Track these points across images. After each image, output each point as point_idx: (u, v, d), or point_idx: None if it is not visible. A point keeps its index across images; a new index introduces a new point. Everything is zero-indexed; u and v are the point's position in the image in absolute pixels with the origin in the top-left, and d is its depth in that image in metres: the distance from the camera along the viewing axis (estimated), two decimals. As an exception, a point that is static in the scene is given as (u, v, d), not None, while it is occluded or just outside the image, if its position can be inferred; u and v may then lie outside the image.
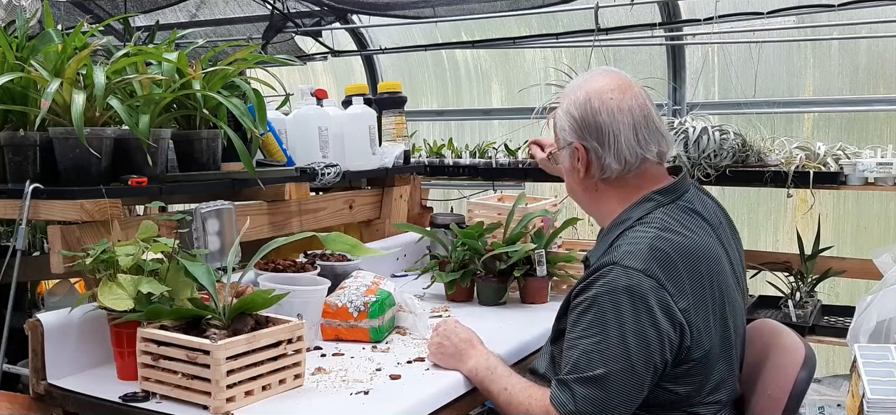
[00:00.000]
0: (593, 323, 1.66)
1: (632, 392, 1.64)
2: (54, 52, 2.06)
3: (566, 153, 1.85)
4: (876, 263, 2.75)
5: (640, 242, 1.69)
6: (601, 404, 1.63)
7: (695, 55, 4.09)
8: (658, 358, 1.64)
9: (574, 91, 1.84)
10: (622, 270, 1.65)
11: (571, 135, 1.82)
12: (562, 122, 1.84)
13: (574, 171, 1.85)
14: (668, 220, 1.75)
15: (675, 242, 1.69)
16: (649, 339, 1.62)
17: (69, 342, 1.83)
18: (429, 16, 4.31)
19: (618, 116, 1.78)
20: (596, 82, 1.82)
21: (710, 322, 1.70)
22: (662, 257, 1.66)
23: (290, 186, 2.53)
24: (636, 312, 1.62)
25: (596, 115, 1.79)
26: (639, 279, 1.63)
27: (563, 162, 1.88)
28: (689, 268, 1.68)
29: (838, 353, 3.67)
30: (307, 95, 2.81)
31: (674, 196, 1.81)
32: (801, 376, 1.80)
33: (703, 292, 1.69)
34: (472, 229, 2.61)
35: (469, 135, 4.85)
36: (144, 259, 1.81)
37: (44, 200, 1.99)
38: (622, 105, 1.78)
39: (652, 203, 1.79)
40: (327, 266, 2.30)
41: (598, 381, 1.63)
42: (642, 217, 1.76)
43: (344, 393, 1.73)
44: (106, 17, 4.03)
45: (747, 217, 4.09)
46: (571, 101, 1.83)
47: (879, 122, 3.83)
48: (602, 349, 1.63)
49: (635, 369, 1.63)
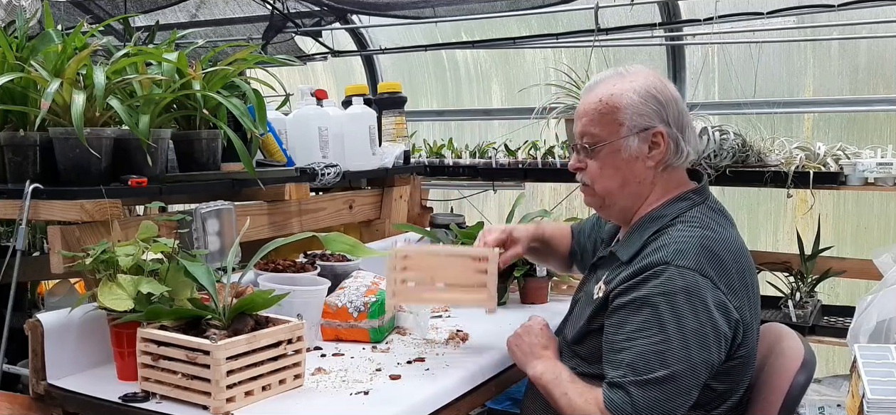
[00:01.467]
0: (648, 324, 1.63)
1: (691, 391, 1.63)
2: (54, 52, 2.06)
3: (635, 140, 1.76)
4: (876, 263, 2.74)
5: (688, 241, 1.68)
6: (662, 406, 1.60)
7: (695, 55, 4.09)
8: (715, 357, 1.64)
9: (636, 78, 1.77)
10: (677, 270, 1.64)
11: (654, 119, 1.75)
12: (639, 106, 1.75)
13: (638, 160, 1.77)
14: (706, 219, 1.75)
15: (720, 240, 1.70)
16: (708, 338, 1.62)
17: (69, 342, 1.83)
18: (429, 16, 4.31)
19: (686, 107, 1.79)
20: (651, 73, 1.81)
21: (753, 320, 1.73)
22: (713, 256, 1.66)
23: (290, 186, 2.53)
24: (695, 311, 1.61)
25: (677, 101, 1.78)
26: (694, 278, 1.63)
27: (626, 150, 1.77)
28: (736, 266, 1.70)
29: (838, 353, 3.67)
30: (307, 95, 2.81)
31: (704, 197, 1.82)
32: (799, 380, 1.79)
33: (747, 291, 1.71)
34: (473, 229, 2.61)
35: (469, 135, 4.84)
36: (144, 259, 1.82)
37: (44, 201, 1.99)
38: (682, 98, 1.79)
39: (687, 202, 1.79)
40: (327, 266, 2.30)
41: (659, 383, 1.60)
42: (679, 215, 1.76)
43: (344, 393, 1.73)
44: (106, 17, 4.03)
45: (747, 217, 4.09)
46: (647, 85, 1.76)
47: (879, 122, 3.82)
48: (661, 351, 1.61)
49: (696, 370, 1.62)
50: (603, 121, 1.78)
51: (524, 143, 3.73)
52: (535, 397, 1.90)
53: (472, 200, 4.26)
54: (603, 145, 1.78)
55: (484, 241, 2.08)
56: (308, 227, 2.63)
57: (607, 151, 1.78)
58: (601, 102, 1.78)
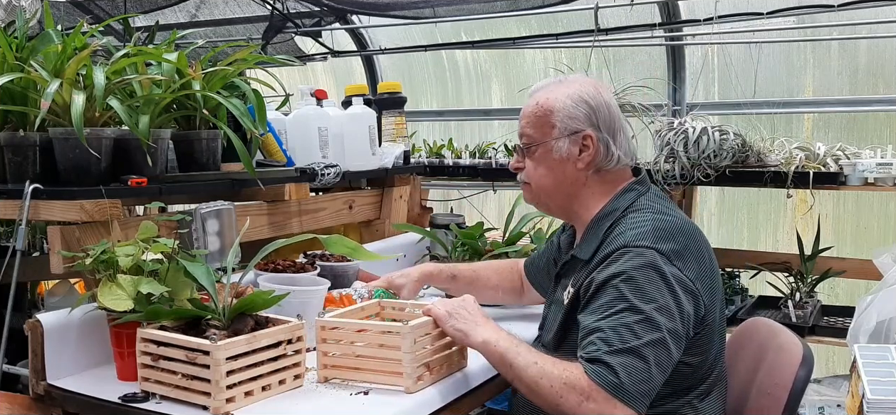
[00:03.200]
0: (615, 302, 1.67)
1: (665, 363, 1.67)
2: (54, 52, 2.06)
3: (565, 142, 1.86)
4: (876, 263, 2.74)
5: (643, 224, 1.77)
6: (641, 374, 1.62)
7: (695, 55, 4.09)
8: (681, 327, 1.69)
9: (571, 85, 1.89)
10: (635, 251, 1.71)
11: (583, 123, 1.85)
12: (570, 109, 1.85)
13: (569, 161, 1.86)
14: (655, 205, 1.85)
15: (671, 221, 1.79)
16: (672, 310, 1.67)
17: (69, 343, 1.83)
18: (429, 16, 4.31)
19: (620, 113, 1.88)
20: (589, 80, 1.91)
21: (711, 293, 1.78)
22: (666, 235, 1.74)
23: (290, 186, 2.53)
24: (656, 286, 1.68)
25: (608, 107, 1.87)
26: (652, 256, 1.70)
27: (556, 151, 1.87)
28: (690, 243, 1.77)
29: (838, 353, 3.67)
30: (307, 96, 2.81)
31: (648, 186, 1.92)
32: (801, 375, 1.81)
33: (704, 264, 1.77)
34: (472, 229, 2.61)
35: (469, 135, 4.85)
36: (144, 259, 1.81)
37: (44, 201, 1.99)
38: (616, 104, 1.88)
39: (633, 193, 1.88)
40: (327, 267, 2.30)
41: (633, 352, 1.62)
42: (630, 206, 1.85)
43: (344, 393, 1.73)
44: (106, 18, 4.03)
45: (747, 217, 4.09)
46: (581, 91, 1.86)
47: (879, 122, 3.83)
48: (630, 323, 1.64)
49: (665, 341, 1.66)
50: (537, 123, 1.89)
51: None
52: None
53: (472, 201, 4.26)
54: (537, 146, 1.90)
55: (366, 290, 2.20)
56: (308, 227, 2.63)
57: (541, 152, 1.89)
58: (538, 106, 1.89)
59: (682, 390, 1.78)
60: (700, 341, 1.77)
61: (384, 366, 1.74)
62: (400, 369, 1.71)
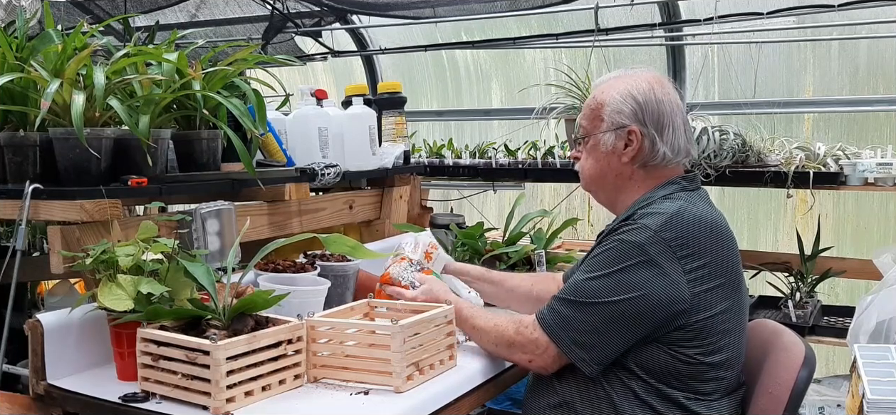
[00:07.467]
0: (594, 264, 1.81)
1: (598, 326, 1.75)
2: (54, 52, 2.06)
3: (611, 136, 1.91)
4: (876, 264, 2.74)
5: (665, 211, 1.80)
6: (562, 321, 1.79)
7: (695, 55, 4.09)
8: (648, 317, 1.74)
9: (628, 79, 1.92)
10: (641, 227, 1.77)
11: (629, 118, 1.89)
12: (618, 104, 1.89)
13: (614, 154, 1.91)
14: (692, 198, 1.87)
15: (697, 214, 1.80)
16: (633, 291, 1.73)
17: (69, 343, 1.83)
18: (429, 16, 4.31)
19: (676, 110, 1.90)
20: (649, 75, 1.93)
21: (717, 292, 1.77)
22: (679, 224, 1.77)
23: (290, 186, 2.53)
24: (637, 265, 1.74)
25: (659, 103, 1.89)
26: (648, 237, 1.75)
27: (603, 144, 1.92)
28: (706, 240, 1.78)
29: (838, 353, 3.67)
30: (307, 96, 2.81)
31: (696, 185, 1.94)
32: (802, 375, 1.82)
33: (716, 265, 1.78)
34: (473, 229, 2.61)
35: (469, 135, 4.85)
36: (144, 259, 1.81)
37: (44, 201, 1.99)
38: (678, 101, 1.92)
39: (676, 186, 1.91)
40: (327, 267, 2.29)
41: (571, 304, 1.79)
42: (667, 195, 1.87)
43: (344, 393, 1.73)
44: (106, 18, 4.03)
45: (747, 217, 4.09)
46: (631, 87, 1.90)
47: (879, 122, 3.83)
48: (586, 281, 1.78)
49: (618, 320, 1.74)
50: (590, 116, 1.97)
51: (524, 143, 3.73)
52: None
53: (472, 201, 4.26)
54: (588, 138, 1.97)
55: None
56: (308, 227, 2.63)
57: (591, 144, 1.96)
58: (593, 99, 1.97)
59: (683, 378, 1.78)
60: (695, 335, 1.76)
61: (373, 365, 1.75)
62: (389, 368, 1.72)
